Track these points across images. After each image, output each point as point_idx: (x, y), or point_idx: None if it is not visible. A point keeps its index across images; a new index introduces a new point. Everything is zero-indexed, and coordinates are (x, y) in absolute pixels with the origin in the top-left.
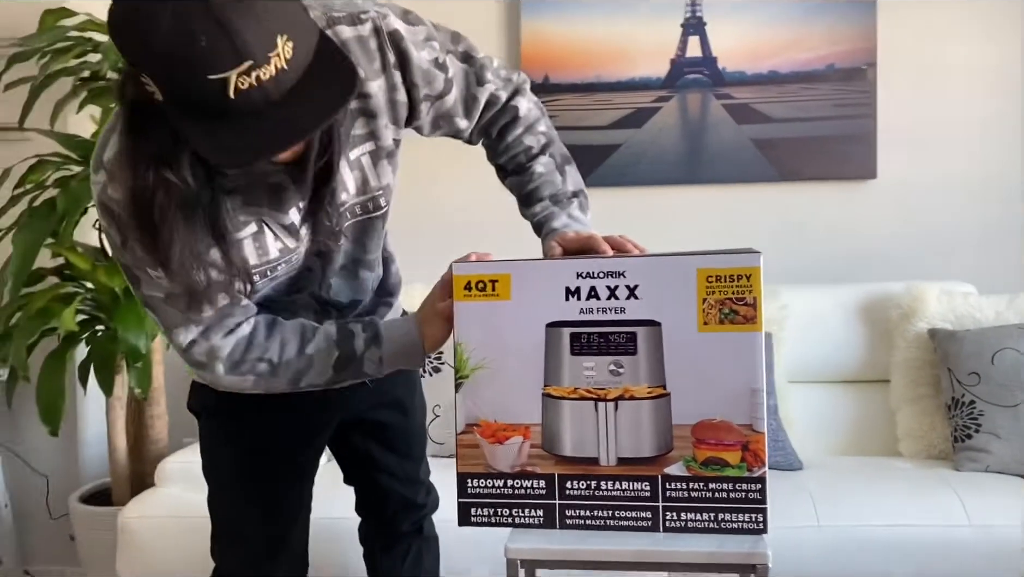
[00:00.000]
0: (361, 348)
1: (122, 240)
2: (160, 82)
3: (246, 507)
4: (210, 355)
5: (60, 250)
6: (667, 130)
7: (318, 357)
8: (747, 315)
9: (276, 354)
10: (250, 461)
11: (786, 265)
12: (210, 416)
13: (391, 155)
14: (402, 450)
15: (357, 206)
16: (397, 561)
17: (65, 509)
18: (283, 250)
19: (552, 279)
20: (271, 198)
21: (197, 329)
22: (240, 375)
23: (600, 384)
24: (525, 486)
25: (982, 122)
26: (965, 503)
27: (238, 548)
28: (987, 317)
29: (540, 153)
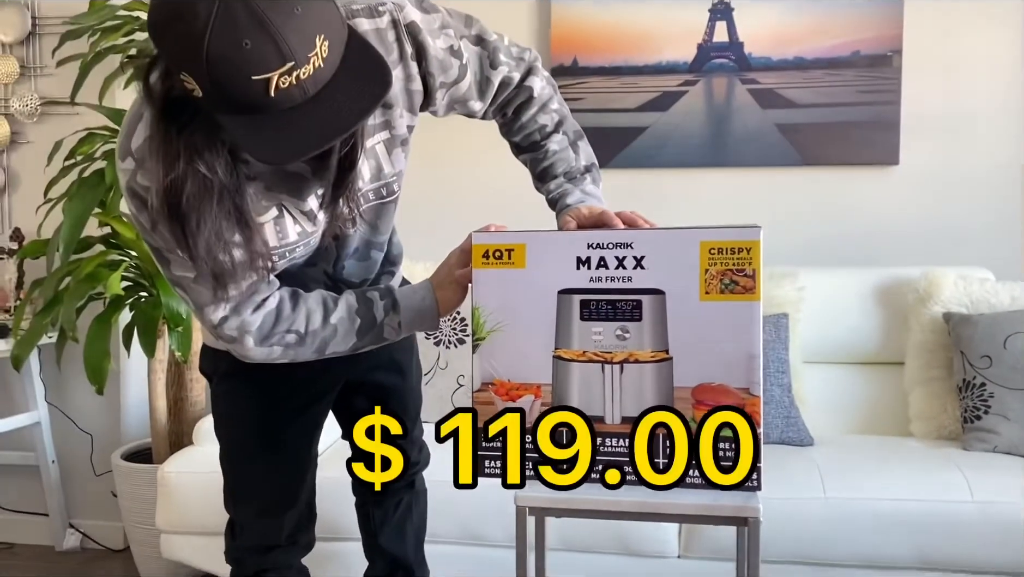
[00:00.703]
0: (381, 316)
1: (151, 224)
2: (202, 81)
3: (258, 463)
4: (241, 330)
5: (107, 219)
6: (693, 114)
7: (341, 326)
8: (746, 285)
9: (303, 325)
10: (261, 420)
11: (806, 248)
12: (222, 379)
13: (404, 143)
14: (399, 409)
15: (371, 192)
16: (389, 512)
17: (108, 466)
18: (301, 234)
19: (564, 249)
20: (291, 186)
21: (228, 306)
22: (269, 347)
23: (607, 348)
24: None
25: (1005, 112)
26: (969, 480)
27: (252, 501)
28: (1002, 302)
29: (554, 131)
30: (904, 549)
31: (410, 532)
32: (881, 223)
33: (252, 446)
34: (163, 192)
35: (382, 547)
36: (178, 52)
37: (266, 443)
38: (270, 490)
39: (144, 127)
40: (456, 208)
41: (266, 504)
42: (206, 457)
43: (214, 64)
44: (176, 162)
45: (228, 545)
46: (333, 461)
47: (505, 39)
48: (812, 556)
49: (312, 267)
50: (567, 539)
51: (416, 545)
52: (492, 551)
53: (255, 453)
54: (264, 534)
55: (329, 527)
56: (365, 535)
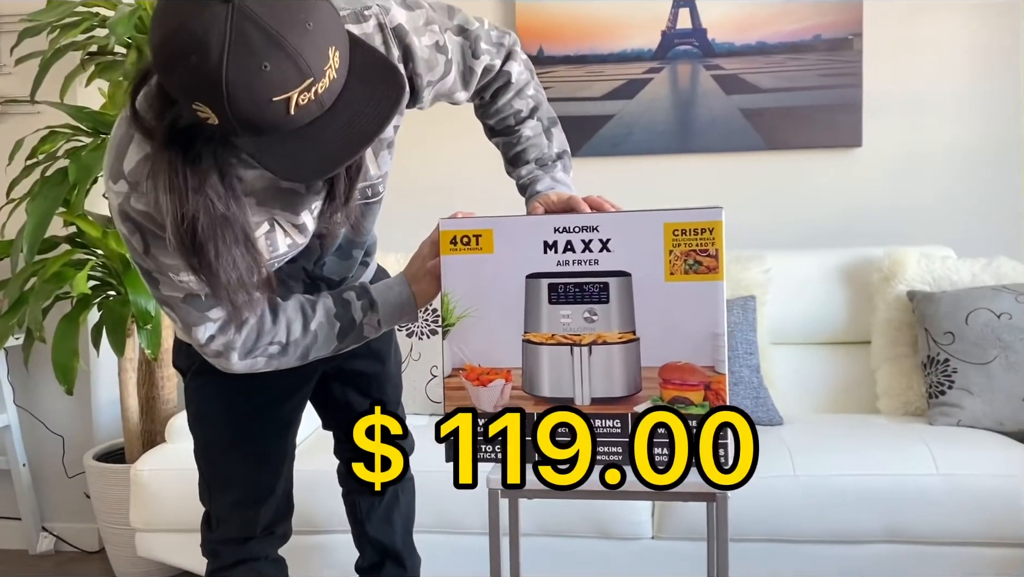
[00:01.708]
0: (360, 316)
1: (144, 248)
2: (219, 110)
3: (234, 458)
4: (227, 347)
5: (71, 218)
6: (658, 101)
7: (322, 331)
8: (710, 265)
9: (284, 335)
10: (236, 414)
11: (772, 230)
12: (196, 373)
13: (390, 145)
14: (379, 396)
15: (357, 193)
16: (376, 501)
17: (80, 468)
18: (291, 245)
19: (531, 233)
20: (285, 201)
21: (214, 326)
22: (253, 359)
23: (575, 330)
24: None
25: (964, 92)
26: (935, 454)
27: (227, 493)
28: (963, 279)
29: (528, 117)
30: (872, 523)
31: (398, 520)
32: (845, 204)
33: (226, 439)
34: (177, 226)
35: (370, 536)
36: (192, 84)
37: (241, 436)
38: (245, 483)
39: (136, 148)
40: (427, 198)
41: (242, 497)
42: (179, 454)
43: (233, 91)
44: (186, 194)
45: (204, 537)
46: (312, 453)
47: (485, 24)
48: (783, 533)
49: (292, 264)
50: (542, 523)
51: (404, 533)
52: (466, 538)
53: (229, 446)
54: (241, 526)
55: (309, 520)
56: (353, 525)
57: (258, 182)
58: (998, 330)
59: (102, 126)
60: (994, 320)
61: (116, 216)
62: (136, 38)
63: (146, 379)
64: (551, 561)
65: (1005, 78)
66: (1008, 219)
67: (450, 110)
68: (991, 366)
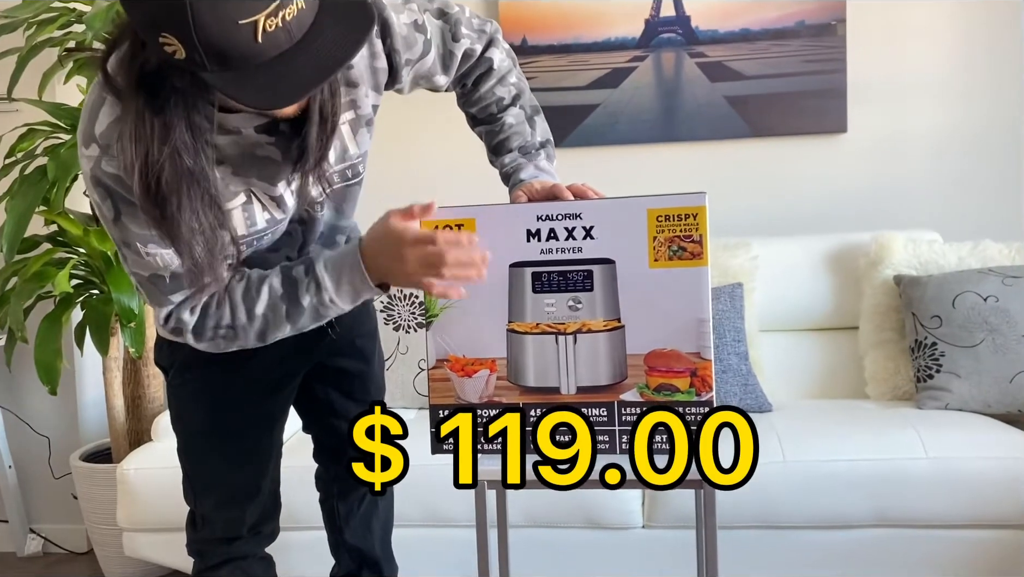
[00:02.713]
0: (309, 299)
1: (115, 215)
2: (185, 39)
3: (218, 457)
4: (179, 327)
5: (52, 216)
6: (643, 89)
7: (271, 313)
8: (694, 251)
9: (229, 319)
10: (219, 413)
11: (758, 217)
12: (178, 371)
13: (369, 123)
14: (361, 397)
15: (336, 174)
16: (354, 505)
17: (67, 469)
18: (270, 221)
19: (514, 222)
20: (261, 170)
21: (169, 307)
22: (210, 341)
23: (560, 319)
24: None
25: (948, 76)
26: (923, 438)
27: (211, 493)
28: (950, 263)
29: (511, 104)
30: (862, 508)
31: (376, 526)
32: (831, 190)
33: (210, 438)
34: (140, 175)
35: (348, 543)
36: (158, 12)
37: (224, 435)
38: (230, 482)
39: (108, 111)
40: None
41: (227, 496)
42: (166, 453)
43: (199, 15)
44: (152, 144)
45: (190, 537)
46: (297, 450)
47: (466, 11)
48: (773, 519)
49: (275, 252)
50: (531, 515)
51: (383, 539)
52: (455, 531)
53: (213, 445)
54: (226, 526)
55: (295, 516)
56: (331, 532)
57: (231, 148)
58: (985, 313)
59: None
60: (980, 303)
61: (88, 182)
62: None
63: (131, 378)
64: (541, 552)
65: (989, 62)
66: (993, 202)
67: (432, 98)
68: (978, 349)
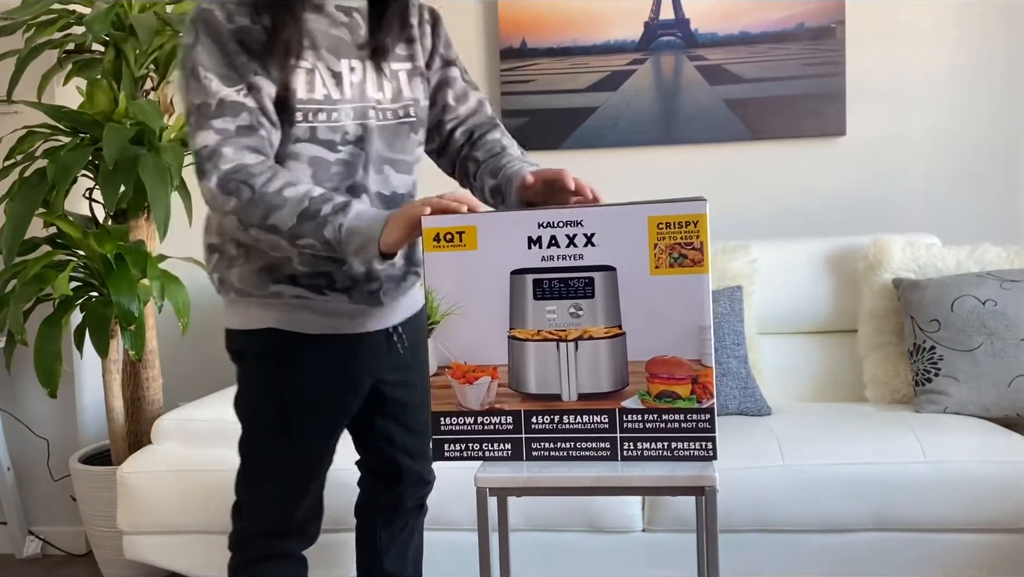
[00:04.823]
0: (327, 211)
1: (194, 40)
2: None
3: (283, 452)
4: (212, 162)
5: (51, 219)
6: (642, 92)
7: (291, 202)
8: (695, 258)
9: (260, 184)
10: (290, 406)
11: (757, 220)
12: (256, 360)
13: (423, 76)
14: (416, 428)
15: (389, 112)
16: (396, 534)
17: (66, 471)
18: (327, 98)
19: (515, 229)
20: (330, 44)
21: (216, 137)
22: (226, 194)
23: (561, 326)
24: (494, 422)
25: (947, 79)
26: (922, 442)
27: (267, 486)
28: (948, 266)
29: (510, 146)
30: (861, 511)
31: (410, 555)
32: (830, 193)
33: (279, 433)
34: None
35: (386, 570)
36: None
37: (294, 432)
38: (288, 478)
39: None
40: None
41: (281, 491)
42: (165, 455)
43: None
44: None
45: (236, 528)
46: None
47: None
48: (773, 523)
49: (329, 182)
50: (532, 518)
51: (416, 568)
52: (457, 534)
53: (280, 440)
54: (274, 520)
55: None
56: (367, 560)
57: (313, 22)
58: (983, 317)
59: (80, 125)
60: (979, 307)
61: (187, 24)
62: (113, 35)
63: (131, 380)
64: (542, 556)
65: (988, 64)
66: (992, 206)
67: None
68: (976, 353)
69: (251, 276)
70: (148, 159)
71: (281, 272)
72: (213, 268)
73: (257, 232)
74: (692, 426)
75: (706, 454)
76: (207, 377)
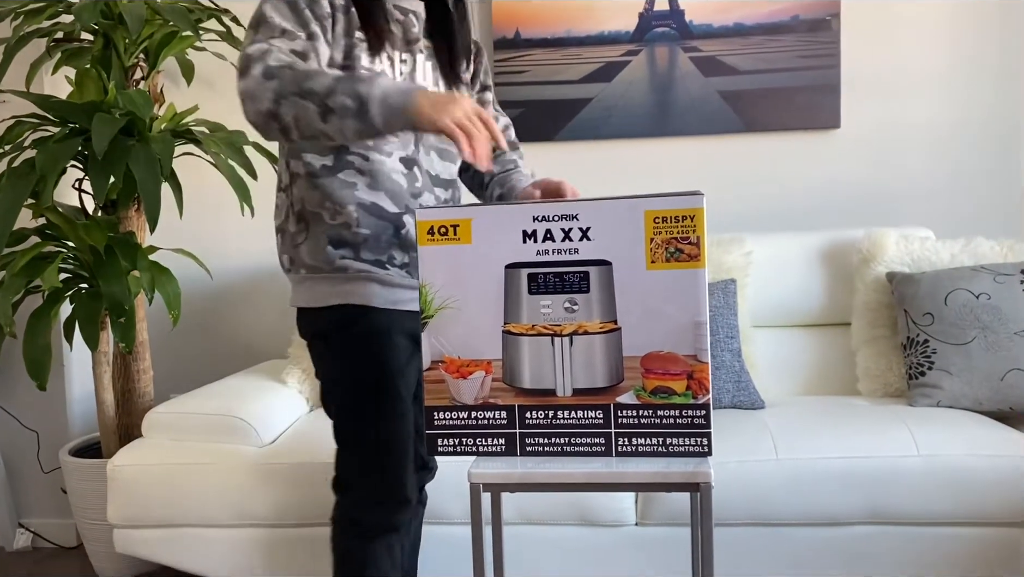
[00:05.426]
0: (363, 75)
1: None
2: None
3: (388, 413)
4: (260, 59)
5: (40, 210)
6: (636, 83)
7: (330, 74)
8: (691, 253)
9: (302, 65)
10: (383, 374)
11: (751, 213)
12: (340, 333)
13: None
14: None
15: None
16: (409, 534)
17: (56, 463)
18: (383, 73)
19: (510, 223)
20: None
21: (267, 45)
22: (268, 78)
23: (556, 321)
24: (488, 417)
25: (942, 72)
26: (915, 435)
27: (375, 459)
28: (942, 260)
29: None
30: (855, 505)
31: (407, 545)
32: (824, 186)
33: (375, 397)
34: None
35: (405, 570)
36: None
37: (390, 393)
38: (396, 439)
39: None
40: None
41: (393, 458)
42: (156, 449)
43: None
44: None
45: (346, 503)
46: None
47: None
48: (767, 517)
49: (390, 157)
50: (525, 512)
51: (412, 558)
52: (451, 528)
53: (381, 401)
54: (390, 489)
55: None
56: (392, 570)
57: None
58: (977, 310)
59: (69, 115)
60: (973, 300)
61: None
62: (103, 24)
63: (122, 372)
64: (535, 549)
65: (984, 58)
66: (986, 199)
67: None
68: (970, 347)
69: (319, 249)
70: (138, 149)
71: (344, 241)
72: (282, 250)
73: (293, 101)
74: (687, 422)
75: (701, 450)
76: (199, 369)
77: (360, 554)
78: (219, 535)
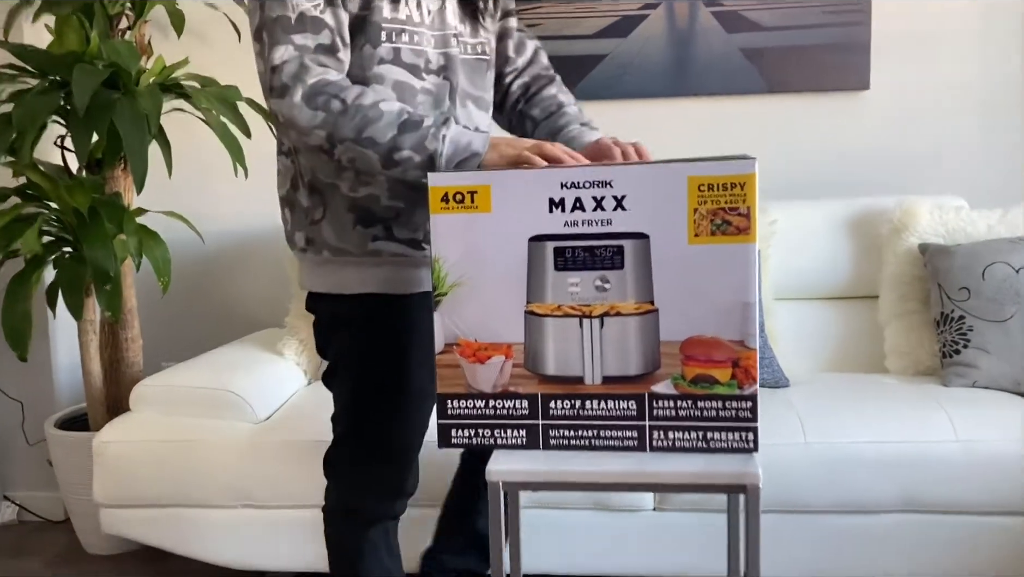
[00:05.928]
0: (429, 123)
1: None
2: None
3: (395, 416)
4: (295, 78)
5: (20, 169)
6: (654, 40)
7: (389, 115)
8: (740, 225)
9: (352, 97)
10: (402, 372)
11: (775, 180)
12: (362, 327)
13: (492, 17)
14: None
15: (469, 46)
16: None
17: (41, 435)
18: (409, 19)
19: (535, 190)
20: None
21: (296, 53)
22: (313, 108)
23: (585, 300)
24: (507, 406)
25: (979, 30)
26: (953, 419)
27: (378, 453)
28: (979, 231)
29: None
30: (888, 492)
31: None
32: (852, 151)
33: (390, 395)
34: None
35: (478, 529)
36: None
37: (406, 391)
38: (403, 442)
39: None
40: None
41: (396, 456)
42: (144, 424)
43: None
44: None
45: (341, 493)
46: None
47: None
48: (794, 503)
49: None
50: (541, 497)
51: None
52: None
53: (393, 402)
54: (390, 485)
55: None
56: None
57: None
58: (1017, 285)
59: (48, 67)
60: (1012, 275)
61: None
62: None
63: (109, 341)
64: (551, 535)
65: (1023, 14)
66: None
67: None
68: (1009, 324)
69: (344, 228)
70: (123, 104)
71: (374, 217)
72: (293, 226)
73: (350, 147)
74: (731, 415)
75: (746, 446)
76: (191, 337)
77: (354, 544)
78: (211, 516)
